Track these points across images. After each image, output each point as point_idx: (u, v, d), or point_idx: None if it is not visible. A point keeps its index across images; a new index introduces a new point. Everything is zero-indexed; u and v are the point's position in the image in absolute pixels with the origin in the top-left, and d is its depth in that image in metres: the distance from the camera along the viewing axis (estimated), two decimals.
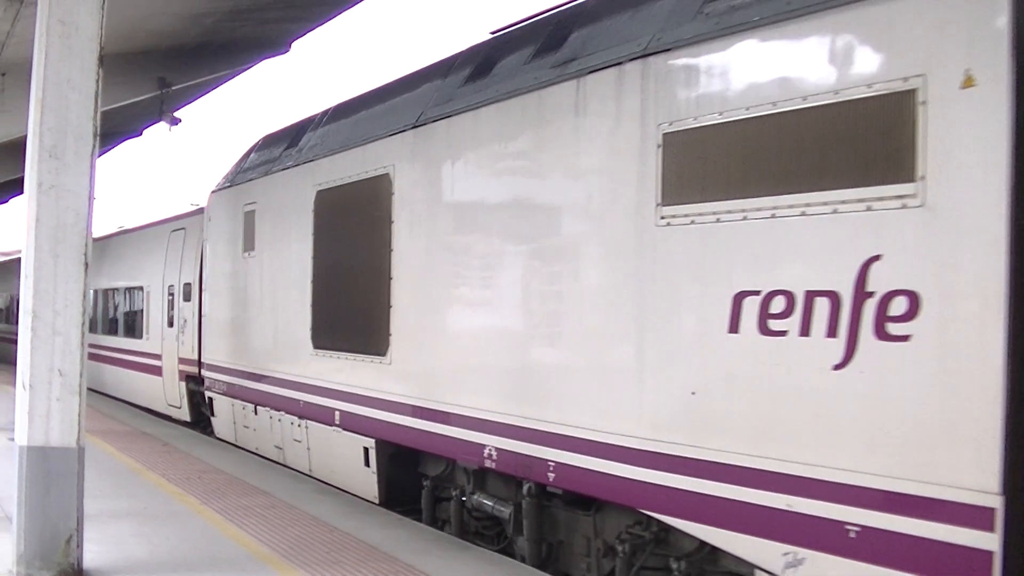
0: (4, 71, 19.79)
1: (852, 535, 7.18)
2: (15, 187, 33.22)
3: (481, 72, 12.16)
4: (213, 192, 20.48)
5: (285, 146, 17.47)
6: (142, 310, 25.83)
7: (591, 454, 9.59)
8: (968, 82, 6.67)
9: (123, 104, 21.08)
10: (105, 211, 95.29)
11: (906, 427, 6.96)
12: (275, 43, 20.27)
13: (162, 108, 21.82)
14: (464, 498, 12.24)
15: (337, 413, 14.48)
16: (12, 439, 10.08)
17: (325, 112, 16.70)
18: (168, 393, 23.89)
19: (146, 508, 12.71)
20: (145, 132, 29.44)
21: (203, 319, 20.91)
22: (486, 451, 11.06)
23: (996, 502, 6.41)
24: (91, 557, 9.85)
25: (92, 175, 9.63)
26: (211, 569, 10.13)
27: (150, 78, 20.68)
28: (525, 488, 10.89)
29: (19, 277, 10.19)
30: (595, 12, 10.68)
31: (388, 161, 13.35)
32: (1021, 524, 6.47)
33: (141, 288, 25.87)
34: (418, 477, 13.35)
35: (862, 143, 7.37)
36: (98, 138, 9.68)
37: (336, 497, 13.78)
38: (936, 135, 6.86)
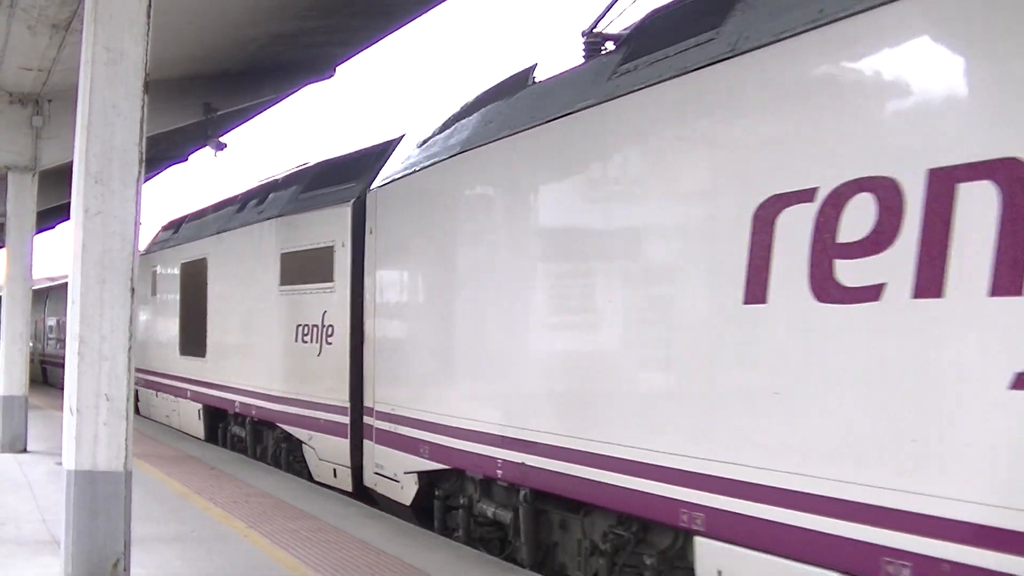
0: (50, 98, 20.00)
1: (325, 423, 17.09)
2: (61, 213, 33.49)
3: (241, 208, 22.75)
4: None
5: (173, 232, 28.50)
6: None
7: (264, 400, 19.88)
8: (343, 244, 16.62)
9: (169, 130, 21.23)
10: (151, 236, 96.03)
11: (333, 376, 16.77)
12: (319, 67, 20.37)
13: (208, 133, 21.94)
14: (231, 430, 22.90)
15: (188, 391, 25.23)
16: (60, 463, 10.11)
17: (189, 214, 27.83)
18: None
19: (193, 532, 12.74)
20: (191, 157, 29.65)
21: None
22: (236, 405, 21.62)
23: (347, 403, 16.30)
24: None
25: (138, 201, 9.67)
26: None
27: (195, 103, 20.84)
28: (247, 420, 21.29)
29: (64, 302, 10.33)
30: (273, 188, 21.54)
31: (206, 252, 24.04)
32: (355, 414, 16.07)
33: None
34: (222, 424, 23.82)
35: (323, 265, 17.31)
36: (144, 164, 9.71)
37: (383, 520, 13.77)
38: (337, 264, 16.77)
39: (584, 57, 11.66)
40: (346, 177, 17.69)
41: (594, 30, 11.77)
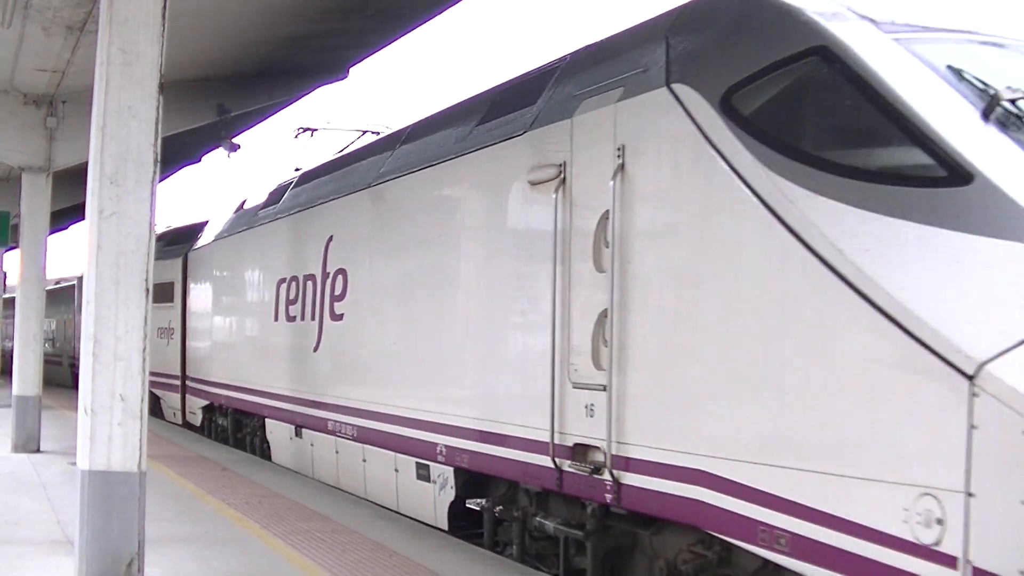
0: (64, 99, 20.05)
1: (170, 386, 28.24)
2: (74, 214, 33.58)
3: None
4: (79, 278, 41.82)
5: None
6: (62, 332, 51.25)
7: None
8: (178, 281, 27.28)
9: (182, 131, 21.24)
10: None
11: (174, 358, 27.61)
12: (332, 69, 20.38)
13: (221, 134, 21.96)
14: None
15: None
16: (73, 463, 10.13)
17: None
18: (63, 374, 47.09)
19: (206, 532, 12.76)
20: (204, 158, 29.69)
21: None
22: None
23: (180, 374, 27.33)
24: None
25: (153, 202, 9.68)
26: None
27: (209, 105, 20.85)
28: None
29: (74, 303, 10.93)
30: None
31: None
32: (183, 380, 27.16)
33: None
34: None
35: (170, 292, 27.61)
36: (159, 165, 9.72)
37: (396, 522, 13.76)
38: (176, 292, 27.56)
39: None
40: (183, 239, 28.43)
41: (298, 169, 21.43)
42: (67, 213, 33.32)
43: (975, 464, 6.28)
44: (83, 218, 10.02)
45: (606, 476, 9.42)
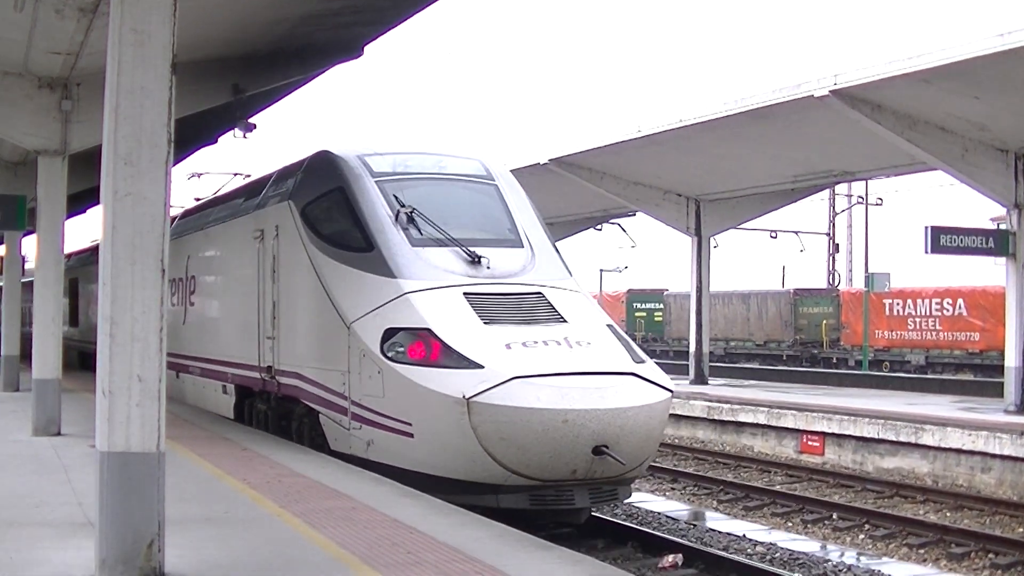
0: (78, 81, 20.00)
1: None
2: (90, 197, 33.58)
3: (93, 255, 36.71)
4: None
5: (69, 258, 45.05)
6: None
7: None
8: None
9: (198, 112, 21.17)
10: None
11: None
12: (348, 47, 20.27)
13: (236, 115, 21.91)
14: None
15: (68, 344, 38.64)
16: (94, 446, 10.12)
17: (84, 249, 46.07)
18: None
19: (226, 512, 12.78)
20: (220, 139, 29.66)
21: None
22: (89, 347, 36.30)
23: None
24: (172, 561, 9.90)
25: (167, 182, 9.64)
26: (289, 571, 10.15)
27: (224, 85, 20.76)
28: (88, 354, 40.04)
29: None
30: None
31: (77, 273, 43.32)
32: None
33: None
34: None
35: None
36: (172, 144, 9.68)
37: (416, 499, 13.77)
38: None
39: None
40: None
41: (198, 199, 30.90)
42: (84, 196, 33.35)
43: (350, 360, 16.24)
44: (98, 201, 9.99)
45: (274, 380, 19.42)
